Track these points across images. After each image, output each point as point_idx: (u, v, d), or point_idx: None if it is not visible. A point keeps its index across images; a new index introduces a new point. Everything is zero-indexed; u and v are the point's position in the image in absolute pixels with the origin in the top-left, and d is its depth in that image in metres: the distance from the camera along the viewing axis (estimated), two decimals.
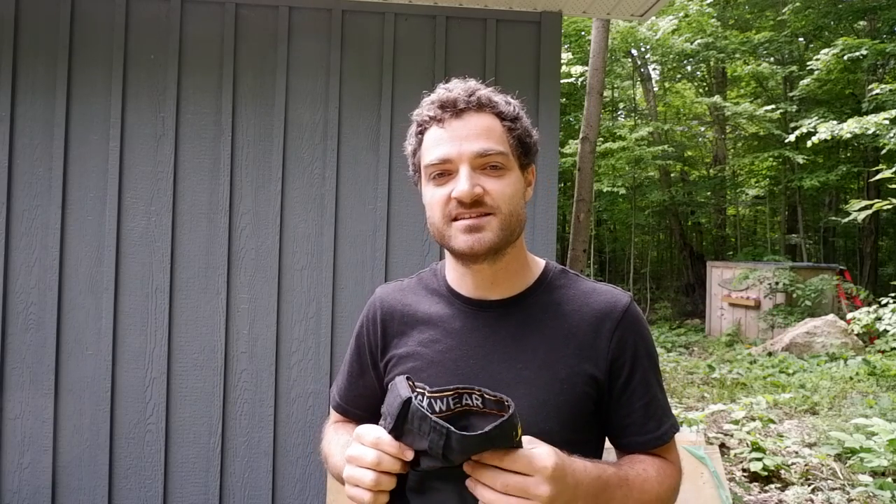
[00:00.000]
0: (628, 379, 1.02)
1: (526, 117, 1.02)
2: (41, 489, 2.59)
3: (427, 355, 1.02)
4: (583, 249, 7.73)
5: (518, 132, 0.99)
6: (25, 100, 2.63)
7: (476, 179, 0.94)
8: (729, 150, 17.44)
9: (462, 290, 1.05)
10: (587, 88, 8.04)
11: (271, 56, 2.74)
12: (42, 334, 2.61)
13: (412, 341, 1.04)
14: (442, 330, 1.03)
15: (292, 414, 2.71)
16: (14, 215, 2.62)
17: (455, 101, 0.96)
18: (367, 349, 1.12)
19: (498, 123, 0.97)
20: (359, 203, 2.77)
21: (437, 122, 0.97)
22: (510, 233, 0.97)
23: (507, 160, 0.97)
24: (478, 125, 0.96)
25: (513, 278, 1.04)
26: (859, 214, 9.22)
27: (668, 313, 14.81)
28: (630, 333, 1.03)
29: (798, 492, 4.17)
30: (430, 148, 0.98)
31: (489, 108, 0.97)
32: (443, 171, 0.96)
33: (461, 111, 0.96)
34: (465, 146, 0.94)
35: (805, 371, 7.98)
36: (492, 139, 0.95)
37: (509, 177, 0.97)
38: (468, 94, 0.97)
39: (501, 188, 0.95)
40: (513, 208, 0.96)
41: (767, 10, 15.66)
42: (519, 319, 1.01)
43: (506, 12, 2.84)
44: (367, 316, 1.14)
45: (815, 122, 9.90)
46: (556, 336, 1.00)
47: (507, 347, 0.99)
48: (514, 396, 0.85)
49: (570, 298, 1.04)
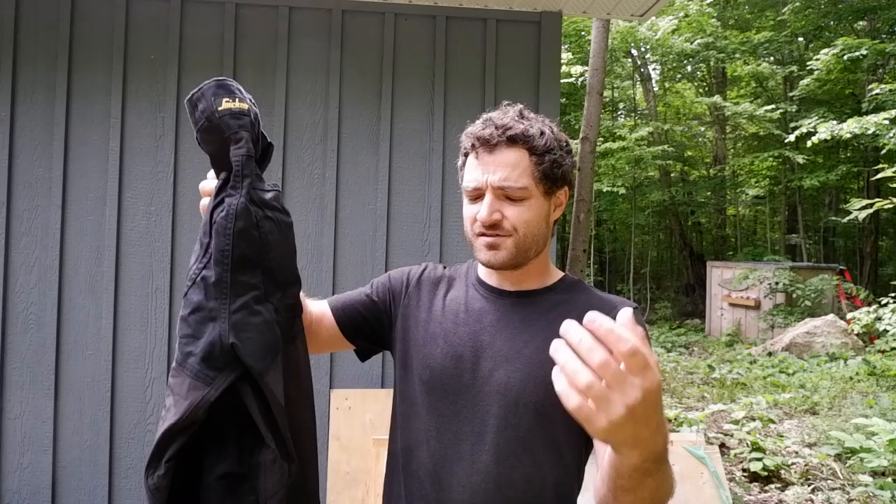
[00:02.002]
0: None
1: (561, 146, 1.13)
2: (41, 489, 2.59)
3: (445, 324, 1.16)
4: (583, 249, 7.73)
5: (545, 165, 1.09)
6: (25, 100, 2.63)
7: (497, 206, 1.09)
8: (729, 150, 17.44)
9: (489, 281, 1.20)
10: (587, 88, 8.04)
11: (271, 56, 2.74)
12: (42, 334, 2.61)
13: (437, 309, 1.19)
14: (464, 307, 1.17)
15: None
16: (14, 215, 2.62)
17: (488, 138, 1.09)
18: (399, 287, 1.24)
19: (526, 158, 1.09)
20: (359, 203, 2.77)
21: (474, 151, 1.12)
22: (525, 251, 1.11)
23: (528, 192, 1.09)
24: (504, 160, 1.08)
25: (533, 279, 1.17)
26: (860, 214, 9.22)
27: (668, 313, 14.80)
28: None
29: (798, 492, 4.17)
30: (467, 172, 1.13)
31: (521, 143, 1.09)
32: (475, 195, 1.11)
33: (493, 147, 1.09)
34: (491, 178, 1.08)
35: (805, 371, 7.98)
36: (514, 174, 1.08)
37: (528, 203, 1.10)
38: (502, 130, 1.09)
39: (519, 214, 1.09)
40: (528, 231, 1.10)
41: (767, 10, 15.65)
42: (529, 309, 1.14)
43: (506, 12, 2.84)
44: (412, 269, 1.28)
45: (815, 122, 9.89)
46: (558, 326, 1.03)
47: (514, 328, 1.12)
48: (512, 367, 1.06)
49: (579, 300, 1.14)
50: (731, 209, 18.53)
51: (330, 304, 1.24)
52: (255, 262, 0.84)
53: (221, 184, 0.86)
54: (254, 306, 0.83)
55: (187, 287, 0.84)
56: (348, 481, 2.65)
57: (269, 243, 0.85)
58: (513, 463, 1.05)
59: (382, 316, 1.23)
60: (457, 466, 1.07)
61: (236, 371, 0.80)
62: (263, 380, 0.81)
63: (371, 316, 1.23)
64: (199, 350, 0.79)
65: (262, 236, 0.84)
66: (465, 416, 1.08)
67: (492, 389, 1.07)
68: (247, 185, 0.84)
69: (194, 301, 0.81)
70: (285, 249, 0.90)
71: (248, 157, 0.85)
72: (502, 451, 1.05)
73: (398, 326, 1.21)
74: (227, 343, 0.79)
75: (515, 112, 1.13)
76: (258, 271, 0.84)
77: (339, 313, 1.22)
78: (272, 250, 0.86)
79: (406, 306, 1.21)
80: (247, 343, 0.81)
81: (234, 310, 0.81)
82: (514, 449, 1.05)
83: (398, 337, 1.20)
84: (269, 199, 0.88)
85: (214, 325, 0.80)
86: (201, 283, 0.82)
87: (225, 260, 0.81)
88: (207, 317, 0.81)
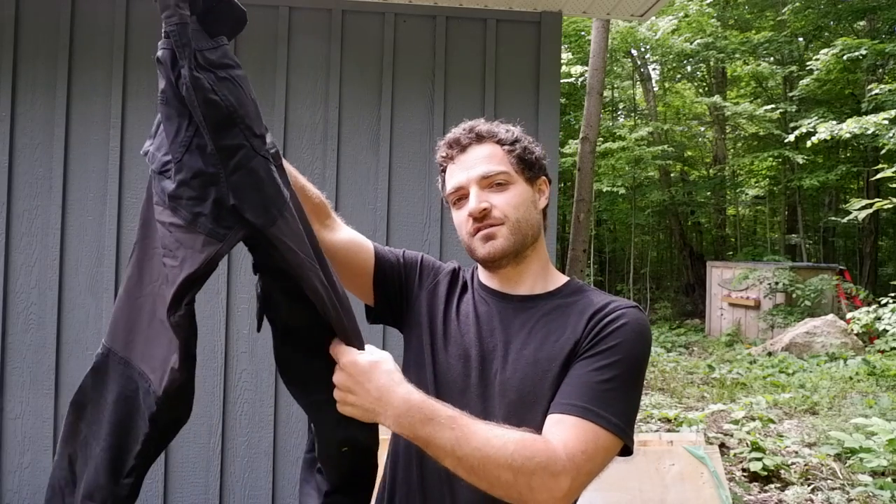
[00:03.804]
0: (589, 349, 1.03)
1: (527, 138, 1.19)
2: (41, 489, 2.59)
3: (448, 332, 1.18)
4: (583, 249, 7.73)
5: (517, 152, 1.15)
6: (25, 100, 2.63)
7: (484, 197, 1.12)
8: (729, 150, 17.44)
9: (491, 285, 1.21)
10: (587, 88, 8.04)
11: (271, 56, 2.74)
12: (42, 334, 2.61)
13: (452, 310, 1.20)
14: (473, 311, 1.18)
15: (292, 414, 2.71)
16: (14, 215, 2.62)
17: (458, 139, 1.17)
18: (427, 273, 1.26)
19: (498, 149, 1.15)
20: (359, 203, 2.77)
21: (450, 160, 1.18)
22: (522, 237, 1.13)
23: (510, 176, 1.14)
24: (479, 155, 1.15)
25: (535, 279, 1.18)
26: (860, 214, 9.22)
27: (667, 313, 14.81)
28: (617, 321, 1.05)
29: (798, 492, 4.17)
30: (448, 181, 1.19)
31: (489, 139, 1.16)
32: (459, 197, 1.16)
33: (465, 146, 1.16)
34: (471, 172, 1.13)
35: (805, 371, 7.98)
36: (493, 162, 1.14)
37: (514, 189, 1.14)
38: (468, 131, 1.17)
39: (507, 199, 1.12)
40: (520, 215, 1.12)
41: (767, 10, 15.66)
42: (532, 313, 1.14)
43: (506, 12, 2.84)
44: (444, 266, 1.29)
45: (815, 122, 9.90)
46: (558, 328, 1.10)
47: (516, 332, 1.13)
48: (511, 367, 1.08)
49: (581, 303, 1.13)
50: (730, 209, 18.54)
51: (372, 242, 1.26)
52: (229, 122, 0.86)
53: (171, 59, 0.87)
54: (248, 164, 0.87)
55: (179, 155, 0.86)
56: None
57: (234, 102, 0.87)
58: None
59: (403, 281, 1.24)
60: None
61: (245, 228, 0.86)
62: (269, 231, 0.87)
63: (397, 275, 1.24)
64: (208, 211, 0.85)
65: (223, 99, 0.86)
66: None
67: (495, 391, 1.08)
68: (188, 56, 0.84)
69: (195, 167, 0.85)
70: (250, 100, 0.92)
71: (182, 24, 0.85)
72: None
73: (415, 314, 1.22)
74: (229, 204, 0.85)
75: (474, 122, 1.19)
76: (236, 130, 0.86)
77: (379, 251, 1.24)
78: (241, 106, 0.88)
79: (431, 295, 1.22)
80: (246, 200, 0.85)
81: (230, 172, 0.85)
82: None
83: (413, 322, 1.21)
84: (217, 58, 0.88)
85: (217, 188, 0.85)
86: (196, 150, 0.85)
87: (204, 131, 0.85)
88: (209, 181, 0.85)
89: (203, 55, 0.85)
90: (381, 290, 1.24)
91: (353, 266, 1.21)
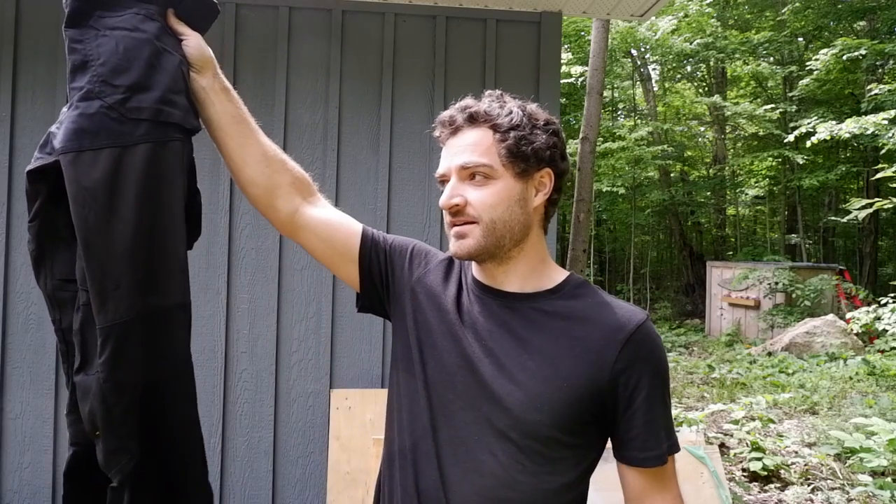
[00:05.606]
0: (633, 395, 1.02)
1: (530, 124, 1.05)
2: (41, 489, 2.59)
3: (438, 328, 1.09)
4: (583, 249, 7.73)
5: (509, 142, 1.02)
6: (25, 100, 2.63)
7: (459, 190, 1.03)
8: (729, 150, 17.44)
9: (481, 279, 1.12)
10: (587, 88, 8.04)
11: (271, 56, 2.74)
12: (42, 334, 2.61)
13: (443, 304, 1.11)
14: (466, 306, 1.09)
15: (292, 414, 2.71)
16: (14, 215, 2.62)
17: (452, 118, 1.06)
18: (417, 261, 1.18)
19: (489, 136, 1.03)
20: (359, 203, 2.77)
21: (442, 142, 1.09)
22: (497, 239, 1.03)
23: (493, 170, 1.02)
24: (466, 140, 1.04)
25: (527, 277, 1.08)
26: (860, 213, 9.23)
27: (667, 313, 14.81)
28: (641, 350, 1.02)
29: (798, 492, 4.17)
30: (440, 164, 1.09)
31: (483, 122, 1.04)
32: (443, 183, 1.07)
33: (457, 129, 1.06)
34: (454, 160, 1.04)
35: (805, 371, 7.98)
36: (476, 152, 1.02)
37: (495, 186, 1.02)
38: (463, 109, 1.06)
39: (482, 198, 1.02)
40: (497, 215, 1.02)
41: (767, 10, 15.66)
42: (530, 316, 1.05)
43: (506, 12, 2.84)
44: (439, 253, 1.21)
45: (815, 122, 9.90)
46: (563, 337, 1.03)
47: (514, 338, 1.04)
48: (514, 384, 0.99)
49: (585, 307, 1.06)
50: (730, 209, 18.53)
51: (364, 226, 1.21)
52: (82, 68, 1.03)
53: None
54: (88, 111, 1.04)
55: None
56: (348, 481, 2.65)
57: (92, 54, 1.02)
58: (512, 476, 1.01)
59: (388, 268, 1.18)
60: (456, 469, 1.04)
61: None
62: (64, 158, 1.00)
63: (383, 259, 1.18)
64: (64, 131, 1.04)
65: (81, 50, 1.02)
66: (460, 418, 1.04)
67: (491, 397, 1.01)
68: (95, 16, 0.98)
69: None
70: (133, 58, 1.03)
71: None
72: (501, 461, 1.01)
73: (400, 305, 1.16)
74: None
75: (494, 97, 1.07)
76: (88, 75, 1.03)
77: (367, 233, 1.19)
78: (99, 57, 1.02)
79: (420, 285, 1.14)
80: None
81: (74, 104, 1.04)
82: (513, 462, 1.01)
83: (398, 313, 1.16)
84: (112, 22, 1.01)
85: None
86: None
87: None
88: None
89: (99, 17, 0.99)
90: (367, 275, 1.18)
91: (336, 244, 1.18)
